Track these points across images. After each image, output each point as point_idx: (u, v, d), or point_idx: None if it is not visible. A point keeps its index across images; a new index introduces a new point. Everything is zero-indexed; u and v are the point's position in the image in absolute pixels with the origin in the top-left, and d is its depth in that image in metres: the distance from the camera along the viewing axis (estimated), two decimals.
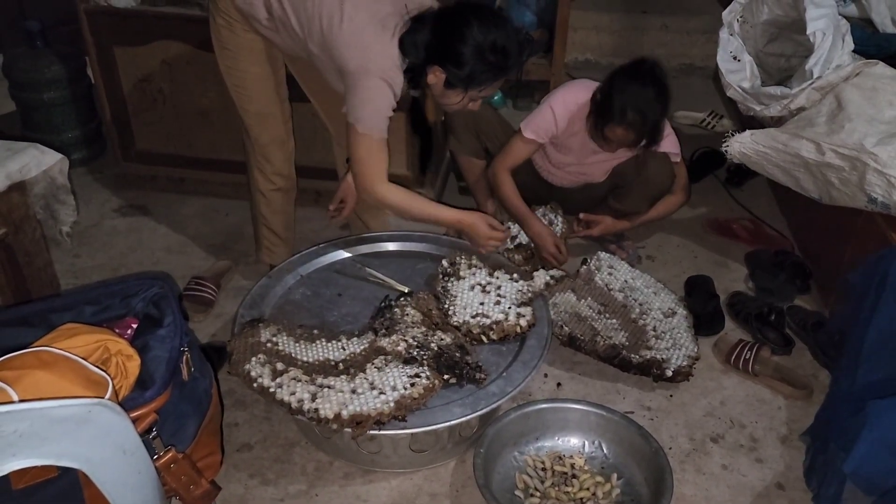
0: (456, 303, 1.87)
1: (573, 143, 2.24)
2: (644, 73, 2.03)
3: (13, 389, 1.09)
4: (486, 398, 1.63)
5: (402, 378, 1.60)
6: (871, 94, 2.04)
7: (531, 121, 2.21)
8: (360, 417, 1.51)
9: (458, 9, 1.71)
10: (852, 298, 1.75)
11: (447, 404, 1.60)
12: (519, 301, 1.88)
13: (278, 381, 1.59)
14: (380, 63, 1.69)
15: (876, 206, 1.92)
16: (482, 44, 1.67)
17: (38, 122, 2.78)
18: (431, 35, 1.70)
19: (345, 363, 1.68)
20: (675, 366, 1.90)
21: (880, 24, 2.60)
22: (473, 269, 1.98)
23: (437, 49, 1.70)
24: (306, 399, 1.55)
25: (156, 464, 1.29)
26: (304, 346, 1.72)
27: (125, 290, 1.49)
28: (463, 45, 1.67)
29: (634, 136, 2.06)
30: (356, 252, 2.12)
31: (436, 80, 1.75)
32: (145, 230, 2.56)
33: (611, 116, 2.03)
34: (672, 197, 2.36)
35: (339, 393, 1.56)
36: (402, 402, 1.54)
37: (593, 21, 3.86)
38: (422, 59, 1.72)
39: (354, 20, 1.69)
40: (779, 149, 2.10)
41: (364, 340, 1.74)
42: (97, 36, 2.47)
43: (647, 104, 2.01)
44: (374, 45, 1.69)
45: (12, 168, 1.69)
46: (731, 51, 2.42)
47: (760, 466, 1.76)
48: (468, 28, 1.67)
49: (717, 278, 2.33)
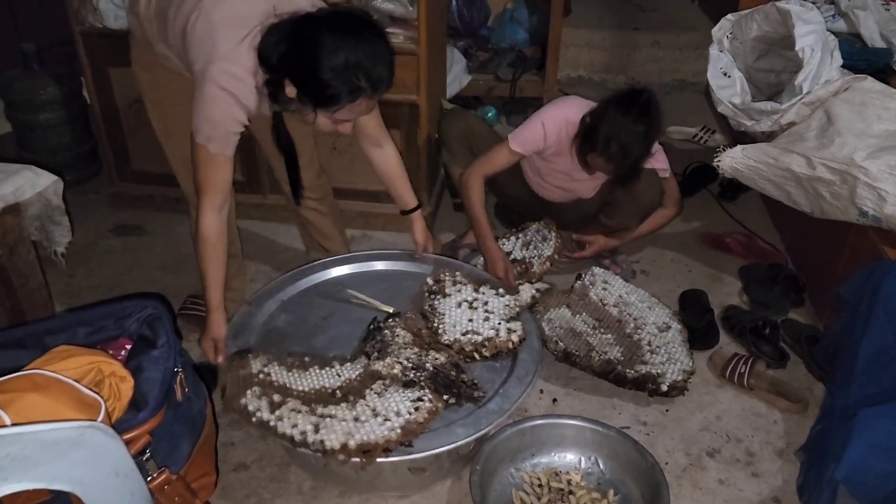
0: (445, 321, 1.87)
1: (561, 160, 2.24)
2: (637, 108, 1.98)
3: (5, 413, 1.09)
4: (487, 416, 1.62)
5: (406, 403, 1.58)
6: (860, 109, 2.06)
7: (520, 133, 2.20)
8: (367, 446, 1.49)
9: (316, 18, 1.53)
10: (845, 312, 1.76)
11: (449, 425, 1.59)
12: (507, 316, 1.89)
13: (278, 414, 1.55)
14: (222, 68, 1.53)
15: (867, 219, 1.93)
16: (334, 61, 1.48)
17: (33, 143, 2.79)
18: (287, 45, 1.52)
19: (342, 390, 1.65)
20: (671, 380, 1.90)
21: (868, 38, 2.63)
22: (458, 286, 1.98)
23: (289, 60, 1.53)
24: (309, 431, 1.51)
25: (149, 485, 1.28)
26: (297, 374, 1.69)
27: (119, 311, 1.49)
28: (312, 60, 1.49)
29: (613, 169, 2.05)
30: (337, 274, 2.08)
31: (292, 95, 1.56)
32: (141, 250, 2.56)
33: (594, 145, 2.01)
34: (664, 210, 2.37)
35: (342, 422, 1.53)
36: (408, 428, 1.52)
37: (585, 38, 3.89)
38: (275, 69, 1.55)
39: (209, 17, 1.55)
40: (770, 163, 2.11)
41: (358, 365, 1.72)
42: (93, 57, 2.48)
43: (634, 141, 1.97)
44: (221, 45, 1.53)
45: (6, 190, 1.70)
46: (722, 67, 2.45)
47: (757, 481, 1.76)
48: (320, 41, 1.48)
49: (711, 292, 2.34)
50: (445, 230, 2.63)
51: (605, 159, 2.02)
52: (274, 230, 2.62)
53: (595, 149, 2.01)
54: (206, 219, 1.67)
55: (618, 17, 4.11)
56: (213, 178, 1.65)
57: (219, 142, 1.61)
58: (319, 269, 2.09)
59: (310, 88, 1.54)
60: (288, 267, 2.44)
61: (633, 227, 2.37)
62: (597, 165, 2.07)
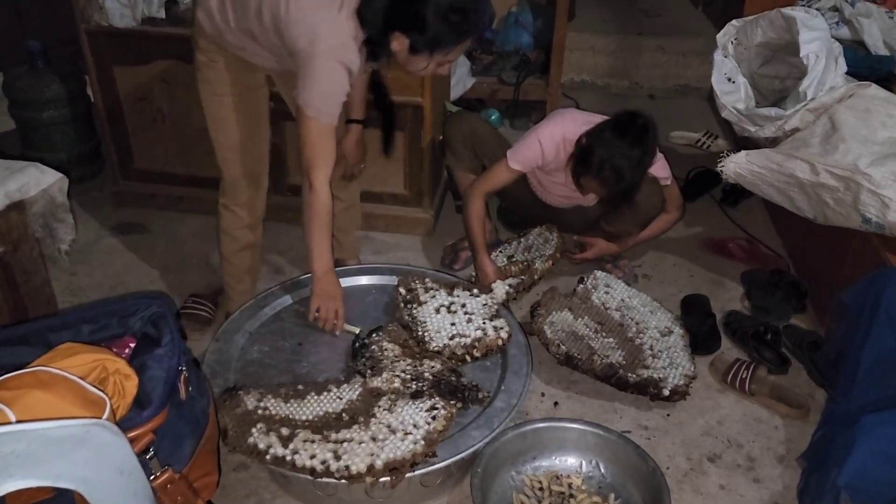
0: (428, 328, 1.87)
1: (560, 174, 2.25)
2: (634, 132, 1.99)
3: (11, 410, 1.09)
4: (498, 415, 1.62)
5: (421, 414, 1.57)
6: (864, 116, 2.06)
7: (518, 151, 2.20)
8: (395, 464, 1.47)
9: None
10: (847, 319, 1.76)
11: (462, 429, 1.59)
12: (489, 315, 1.90)
13: (292, 448, 1.51)
14: (329, 41, 1.63)
15: (870, 226, 1.94)
16: (442, 4, 1.62)
17: (37, 141, 2.80)
18: (389, 1, 1.65)
19: (347, 412, 1.63)
20: (672, 385, 1.90)
21: (872, 46, 2.63)
22: (432, 292, 1.98)
23: (398, 15, 1.66)
24: (330, 458, 1.48)
25: (152, 484, 1.28)
26: (296, 404, 1.65)
27: (123, 309, 1.49)
28: (424, 8, 1.62)
29: (606, 192, 2.05)
30: (298, 297, 2.03)
31: (400, 48, 1.70)
32: (143, 248, 2.56)
33: (588, 167, 2.01)
34: (666, 216, 2.37)
35: (360, 444, 1.51)
36: (430, 438, 1.52)
37: (589, 42, 3.90)
38: (381, 27, 1.67)
39: (299, 1, 1.65)
40: (773, 169, 2.12)
41: (355, 385, 1.70)
42: (97, 56, 2.49)
43: (628, 166, 1.98)
44: (321, 23, 1.64)
45: (11, 187, 1.70)
46: (726, 72, 2.45)
47: (758, 486, 1.76)
48: None
49: (713, 297, 2.34)
50: (448, 232, 2.64)
51: (598, 182, 2.03)
52: (275, 230, 2.61)
53: (589, 171, 2.02)
54: (323, 191, 1.75)
55: (622, 21, 4.11)
56: (324, 150, 1.73)
57: (331, 113, 1.70)
58: (280, 295, 2.05)
59: (425, 36, 1.65)
60: (290, 268, 2.46)
61: (635, 233, 2.38)
62: (590, 187, 2.08)
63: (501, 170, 2.23)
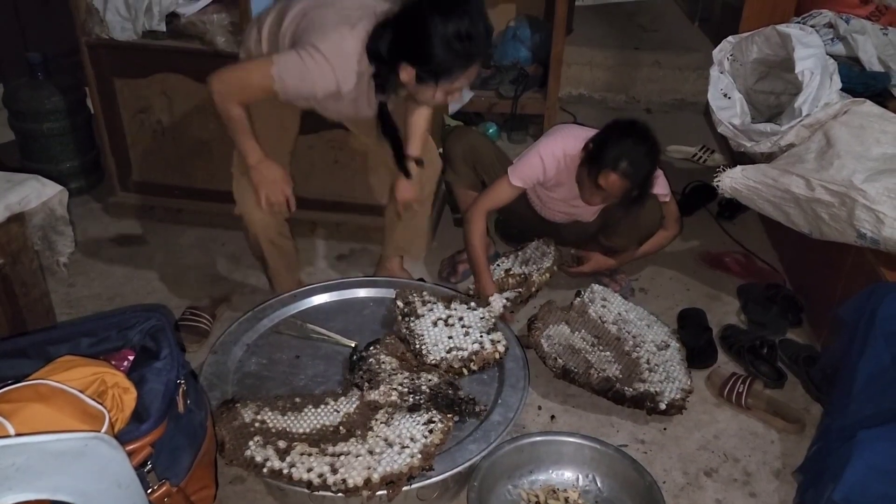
0: (426, 341, 1.88)
1: (561, 190, 2.27)
2: (635, 132, 2.06)
3: (10, 423, 1.09)
4: (495, 428, 1.63)
5: (418, 427, 1.57)
6: (858, 132, 2.08)
7: (519, 167, 2.21)
8: (391, 477, 1.47)
9: (417, 4, 1.72)
10: (843, 333, 1.77)
11: (459, 443, 1.60)
12: (486, 328, 1.91)
13: (289, 461, 1.52)
14: (333, 48, 1.71)
15: (865, 241, 1.95)
16: (446, 34, 1.67)
17: (36, 152, 2.80)
18: (395, 34, 1.72)
19: (344, 426, 1.63)
20: (669, 399, 1.91)
21: (867, 62, 2.65)
22: (429, 305, 1.99)
23: (403, 46, 1.72)
24: (327, 472, 1.48)
25: (150, 497, 1.28)
26: (293, 417, 1.66)
27: (122, 321, 1.49)
28: (427, 39, 1.68)
29: (629, 184, 2.05)
30: (296, 310, 2.05)
31: (408, 78, 1.75)
32: (142, 260, 2.56)
33: (605, 163, 2.02)
34: (664, 231, 2.39)
35: (357, 457, 1.51)
36: (427, 451, 1.52)
37: (587, 57, 3.92)
38: (388, 58, 1.73)
39: (320, 12, 1.76)
40: (769, 184, 2.13)
41: (353, 398, 1.71)
42: (98, 68, 2.50)
43: (640, 157, 2.03)
44: (332, 32, 1.72)
45: (12, 200, 1.71)
46: (722, 88, 2.47)
47: (754, 501, 1.76)
48: (430, 21, 1.67)
49: (709, 311, 2.35)
50: (445, 245, 2.64)
51: (618, 175, 2.02)
52: None
53: (607, 165, 2.02)
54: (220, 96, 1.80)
55: (619, 36, 4.14)
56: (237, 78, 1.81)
57: (284, 80, 1.74)
58: (277, 308, 2.05)
59: (429, 66, 1.71)
60: None
61: (632, 248, 2.39)
62: (609, 185, 2.04)
63: (503, 187, 2.23)
